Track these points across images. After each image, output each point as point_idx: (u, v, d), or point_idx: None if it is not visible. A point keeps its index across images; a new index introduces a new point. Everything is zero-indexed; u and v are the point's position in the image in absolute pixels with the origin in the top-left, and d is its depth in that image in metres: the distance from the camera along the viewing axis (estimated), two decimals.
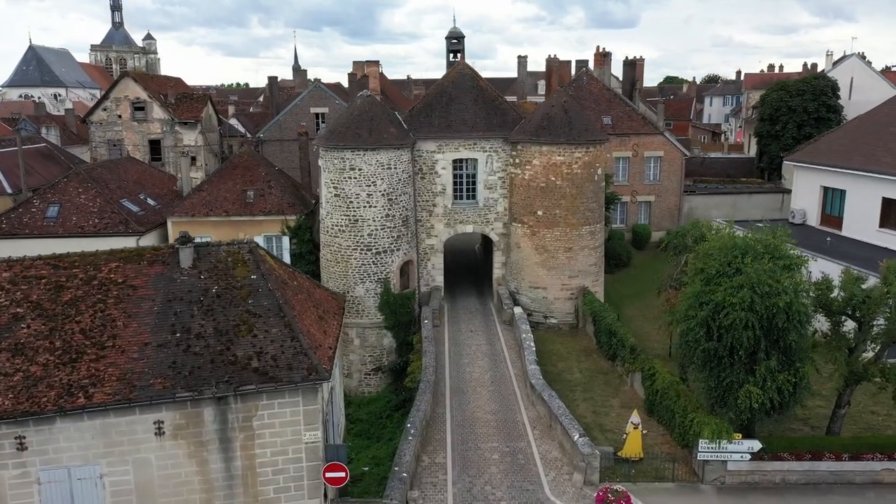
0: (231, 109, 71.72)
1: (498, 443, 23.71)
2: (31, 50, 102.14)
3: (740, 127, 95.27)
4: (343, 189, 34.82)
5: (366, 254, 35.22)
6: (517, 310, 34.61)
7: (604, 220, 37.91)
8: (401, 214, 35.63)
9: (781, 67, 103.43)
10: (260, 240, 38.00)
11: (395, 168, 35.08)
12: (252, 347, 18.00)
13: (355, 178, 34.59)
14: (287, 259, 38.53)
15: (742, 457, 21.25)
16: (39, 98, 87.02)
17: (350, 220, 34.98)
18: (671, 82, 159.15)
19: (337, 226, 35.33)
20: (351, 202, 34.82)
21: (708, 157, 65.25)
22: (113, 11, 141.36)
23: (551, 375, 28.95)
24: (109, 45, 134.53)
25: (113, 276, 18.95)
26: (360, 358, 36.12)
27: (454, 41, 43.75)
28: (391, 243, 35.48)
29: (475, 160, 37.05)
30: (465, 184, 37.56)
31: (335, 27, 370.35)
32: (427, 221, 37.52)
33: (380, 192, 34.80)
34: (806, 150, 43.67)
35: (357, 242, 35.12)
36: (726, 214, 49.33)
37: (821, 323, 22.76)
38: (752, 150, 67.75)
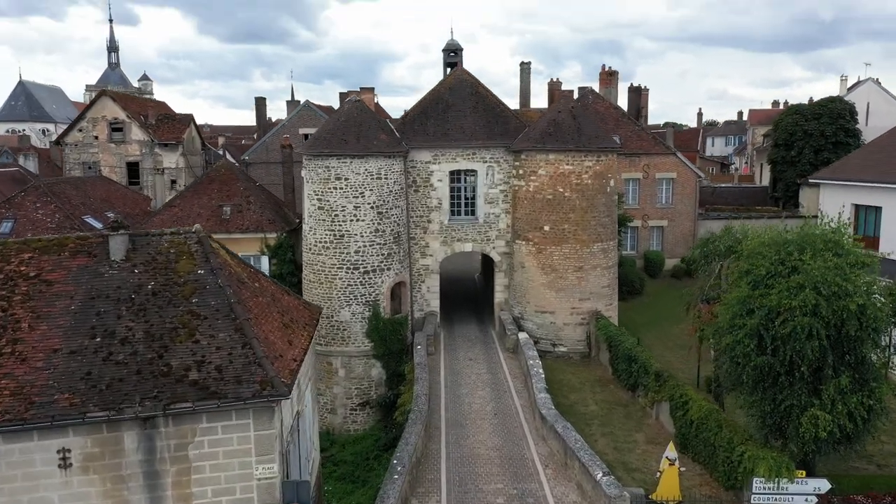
0: (221, 140, 68.91)
1: (503, 484, 19.62)
2: (21, 85, 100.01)
3: (746, 163, 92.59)
4: (328, 201, 31.32)
5: (352, 273, 31.50)
6: (522, 335, 30.73)
7: (617, 237, 34.31)
8: (392, 230, 32.05)
9: (786, 103, 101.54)
10: None
11: (386, 178, 31.64)
12: (191, 355, 14.16)
13: (341, 188, 31.12)
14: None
15: (807, 500, 17.14)
16: (23, 131, 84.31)
17: (335, 235, 31.38)
18: (672, 126, 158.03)
19: (321, 242, 31.70)
20: (336, 215, 31.27)
21: (719, 187, 62.07)
22: (109, 52, 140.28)
23: (563, 408, 24.88)
24: (105, 85, 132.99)
25: (23, 268, 15.20)
26: (344, 391, 32.04)
27: (451, 54, 40.79)
28: (381, 262, 31.80)
29: (474, 172, 33.65)
30: (463, 198, 34.09)
31: (336, 80, 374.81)
32: (421, 239, 33.91)
33: (368, 204, 31.29)
34: (833, 167, 40.41)
35: (343, 260, 31.45)
36: None
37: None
38: (764, 180, 64.65)
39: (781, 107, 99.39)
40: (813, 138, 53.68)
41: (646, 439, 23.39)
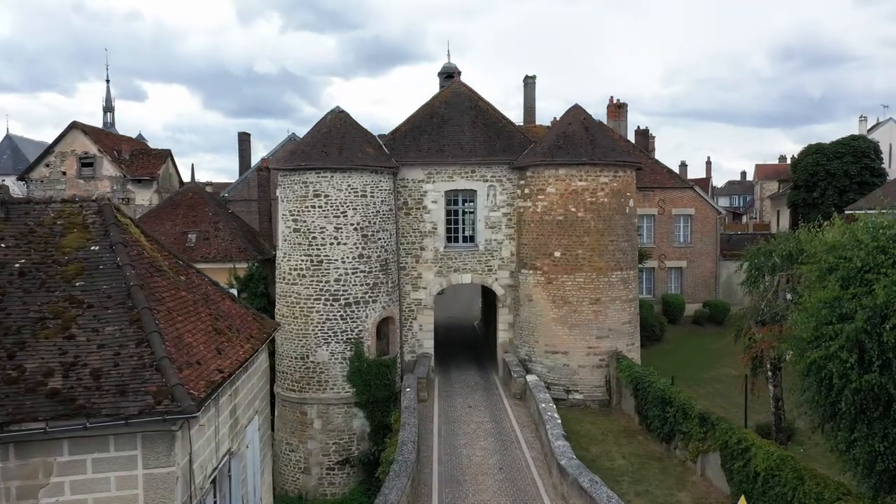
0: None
1: None
2: (8, 139, 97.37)
3: (755, 218, 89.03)
4: (304, 222, 27.11)
5: (332, 305, 26.98)
6: (531, 377, 25.99)
7: (637, 267, 29.96)
8: (378, 256, 27.72)
9: (793, 157, 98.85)
10: None
11: (372, 197, 27.54)
12: (59, 355, 9.64)
13: (320, 206, 26.96)
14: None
15: None
16: (3, 180, 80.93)
17: (312, 261, 27.02)
18: (684, 167, 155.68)
19: (296, 269, 27.31)
20: (314, 238, 27.01)
21: (736, 234, 58.10)
22: (105, 112, 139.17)
23: (585, 462, 19.94)
24: None
25: None
26: (321, 446, 26.99)
27: (448, 78, 37.54)
28: (365, 293, 27.33)
29: (473, 192, 29.59)
30: (461, 222, 29.93)
31: None
32: (413, 269, 29.54)
33: (351, 225, 27.08)
34: (868, 197, 36.59)
35: (321, 290, 26.98)
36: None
37: None
38: (783, 226, 60.75)
39: (788, 161, 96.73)
40: (836, 178, 50.03)
41: (692, 500, 18.49)
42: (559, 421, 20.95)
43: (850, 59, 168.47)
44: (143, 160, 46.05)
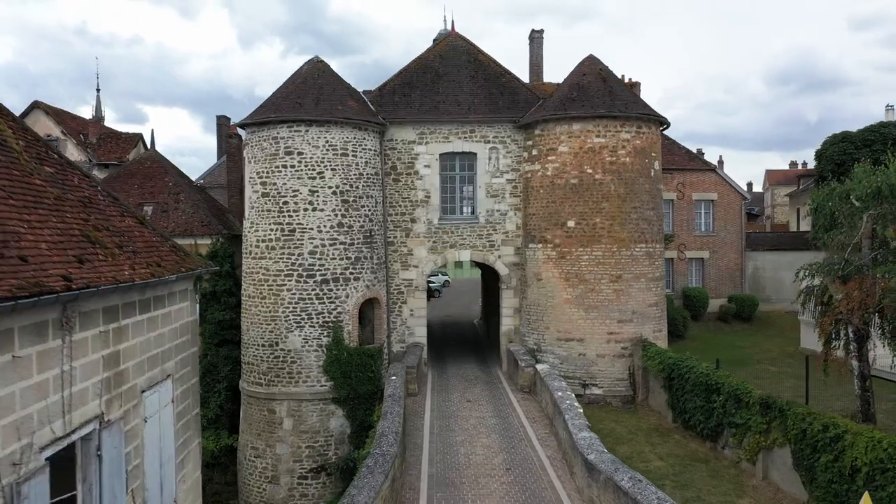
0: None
1: None
2: None
3: (769, 218, 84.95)
4: (275, 184, 23.06)
5: (306, 282, 22.84)
6: (542, 366, 21.75)
7: (663, 241, 25.84)
8: (362, 226, 23.62)
9: (804, 164, 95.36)
10: None
11: (355, 157, 23.52)
12: None
13: (293, 166, 22.93)
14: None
15: None
16: None
17: (283, 230, 22.92)
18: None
19: (264, 241, 23.20)
20: (286, 203, 22.94)
21: (754, 232, 54.01)
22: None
23: None
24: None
25: None
26: (292, 450, 22.67)
27: None
28: (346, 268, 23.19)
29: (472, 155, 25.56)
30: (458, 190, 25.87)
31: None
32: (402, 245, 25.42)
33: (329, 188, 23.02)
34: None
35: (293, 265, 22.84)
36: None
37: None
38: (803, 226, 56.70)
39: (800, 167, 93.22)
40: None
41: None
42: (580, 410, 16.69)
43: (845, 83, 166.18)
44: (111, 144, 42.06)
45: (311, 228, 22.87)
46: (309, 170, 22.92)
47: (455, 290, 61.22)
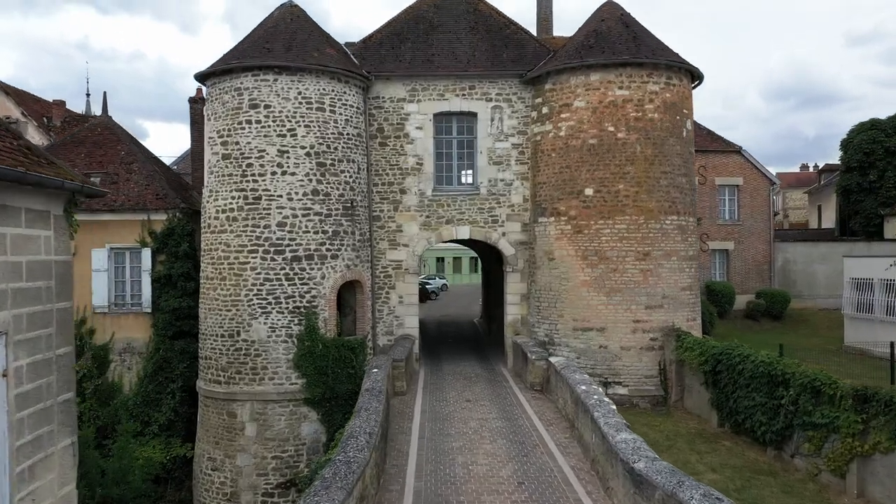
0: None
1: None
2: None
3: (786, 216, 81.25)
4: (237, 143, 19.39)
5: (273, 260, 19.09)
6: (556, 359, 17.97)
7: (696, 214, 22.17)
8: (341, 195, 19.93)
9: (815, 166, 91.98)
10: (102, 255, 22.00)
11: (333, 113, 19.86)
12: None
13: (259, 122, 19.26)
14: (146, 288, 22.19)
15: None
16: None
17: (247, 198, 19.21)
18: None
19: (224, 211, 19.48)
20: (250, 165, 19.25)
21: (779, 230, 50.36)
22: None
23: None
24: None
25: None
26: (255, 462, 18.81)
27: None
28: (322, 244, 19.47)
29: (472, 116, 21.92)
30: (455, 156, 22.20)
31: None
32: (390, 220, 21.71)
33: (302, 148, 19.35)
34: None
35: (258, 239, 19.11)
36: (837, 270, 33.71)
37: None
38: (825, 222, 53.13)
39: (811, 170, 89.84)
40: None
41: None
42: (613, 407, 12.90)
43: (843, 99, 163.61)
44: (76, 127, 38.36)
45: (280, 196, 19.16)
46: (278, 126, 19.24)
47: (454, 294, 57.43)
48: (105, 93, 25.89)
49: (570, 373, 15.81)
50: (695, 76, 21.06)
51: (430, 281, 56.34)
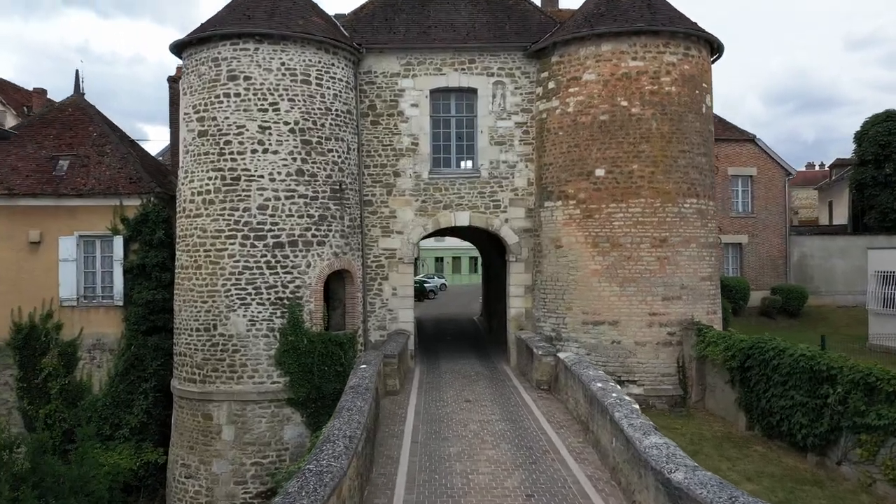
0: None
1: None
2: None
3: (797, 213, 79.43)
4: (215, 119, 17.67)
5: (253, 246, 17.36)
6: (565, 354, 16.21)
7: (716, 197, 20.49)
8: (329, 176, 18.21)
9: (822, 165, 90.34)
10: (70, 243, 20.27)
11: (320, 86, 18.15)
12: None
13: (238, 95, 17.54)
14: (118, 279, 20.45)
15: None
16: None
17: (225, 178, 17.49)
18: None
19: (201, 193, 17.76)
20: (228, 143, 17.52)
21: (792, 227, 48.61)
22: None
23: None
24: None
25: None
26: (233, 469, 17.05)
27: None
28: (307, 228, 17.74)
29: (472, 92, 20.20)
30: (454, 136, 20.47)
31: None
32: (383, 204, 19.99)
33: (286, 124, 17.63)
34: None
35: (236, 223, 17.38)
36: (856, 266, 32.03)
37: None
38: (836, 218, 51.38)
39: (817, 168, 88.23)
40: None
41: None
42: (636, 406, 11.17)
43: (842, 103, 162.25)
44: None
45: (261, 176, 17.43)
46: (259, 100, 17.52)
47: (453, 293, 55.70)
48: (77, 70, 24.10)
49: (582, 369, 14.06)
50: (714, 48, 19.37)
51: (428, 280, 54.68)
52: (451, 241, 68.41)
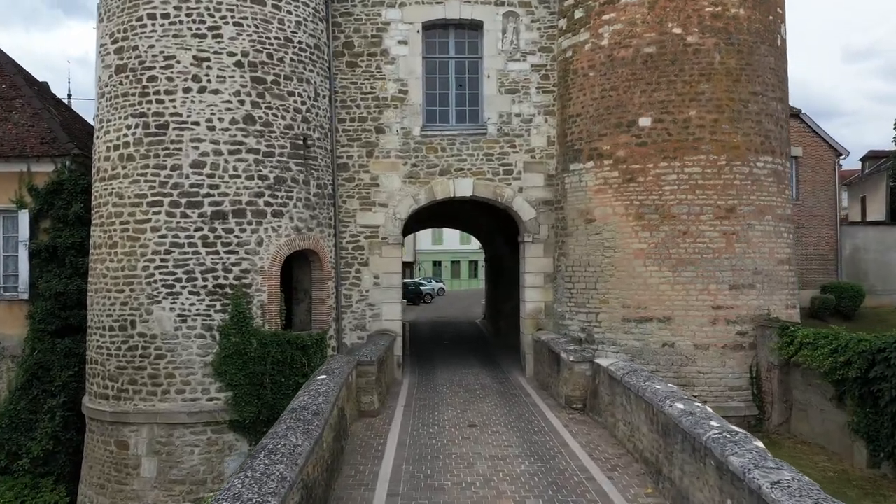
0: None
1: None
2: None
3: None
4: (136, 50, 13.29)
5: (184, 216, 12.94)
6: (606, 361, 11.76)
7: (791, 156, 16.16)
8: (289, 126, 13.82)
9: (840, 165, 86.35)
10: None
11: (279, 9, 13.81)
12: None
13: (167, 17, 13.18)
14: (23, 266, 16.01)
15: None
16: None
17: (148, 126, 13.09)
18: None
19: (118, 148, 13.36)
20: (153, 79, 13.14)
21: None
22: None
23: None
24: None
25: None
26: None
27: None
28: (259, 194, 13.33)
29: (476, 28, 15.87)
30: (453, 82, 16.11)
31: None
32: (362, 169, 15.60)
33: (231, 55, 13.26)
34: None
35: (162, 186, 12.96)
36: None
37: None
38: (871, 214, 47.08)
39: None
40: None
41: None
42: (759, 444, 6.70)
43: (840, 114, 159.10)
44: None
45: (197, 123, 13.04)
46: (193, 23, 13.16)
47: (451, 297, 51.27)
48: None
49: (641, 381, 9.61)
50: None
51: (425, 283, 50.33)
52: (450, 245, 64.19)
